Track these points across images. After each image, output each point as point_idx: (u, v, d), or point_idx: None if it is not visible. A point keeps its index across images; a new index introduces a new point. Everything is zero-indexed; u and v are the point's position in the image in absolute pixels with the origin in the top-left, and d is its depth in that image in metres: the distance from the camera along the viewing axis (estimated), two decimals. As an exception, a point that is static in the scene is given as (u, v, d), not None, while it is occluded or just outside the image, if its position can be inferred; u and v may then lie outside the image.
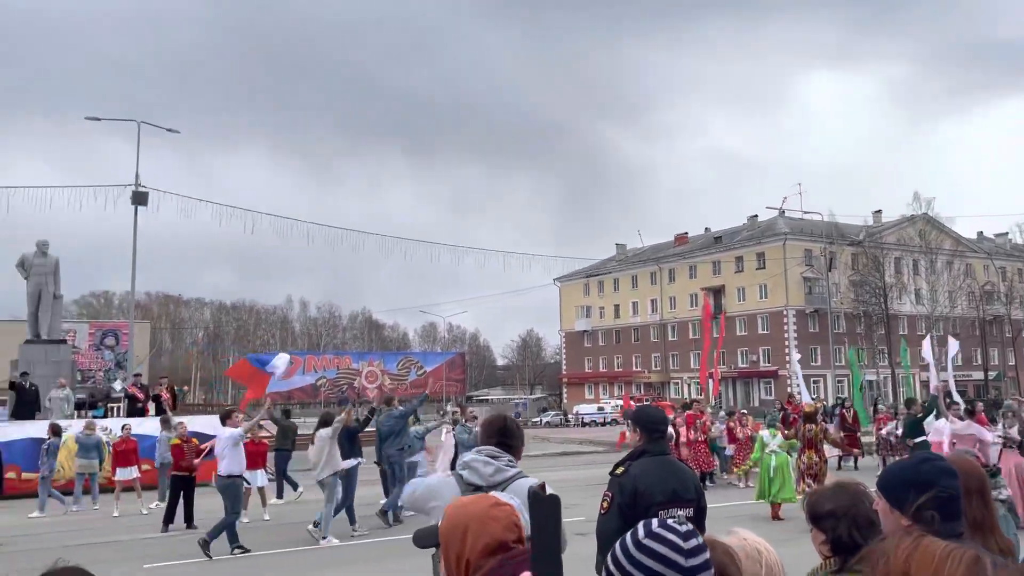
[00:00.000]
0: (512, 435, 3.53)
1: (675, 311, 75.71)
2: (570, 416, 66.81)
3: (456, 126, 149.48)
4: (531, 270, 77.41)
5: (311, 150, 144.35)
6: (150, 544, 12.44)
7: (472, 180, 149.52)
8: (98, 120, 31.02)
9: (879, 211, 70.63)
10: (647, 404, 12.72)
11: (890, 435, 19.82)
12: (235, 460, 11.54)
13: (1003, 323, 66.25)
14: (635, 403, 28.15)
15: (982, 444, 11.76)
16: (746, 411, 20.98)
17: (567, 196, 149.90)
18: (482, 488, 3.02)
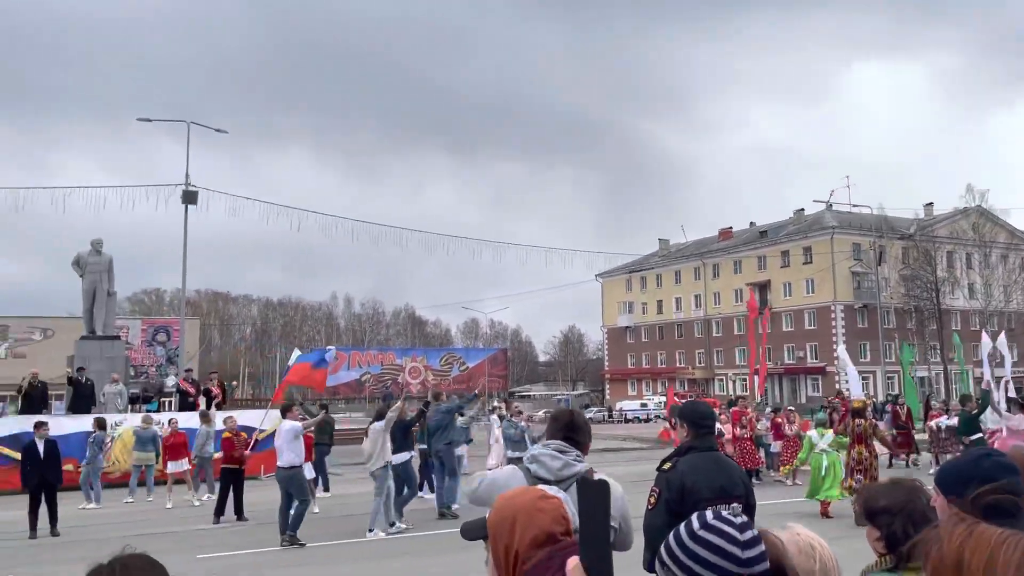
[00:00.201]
0: (579, 430, 3.53)
1: (719, 307, 74.89)
2: (614, 412, 66.55)
3: (497, 122, 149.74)
4: (573, 266, 77.23)
5: (355, 148, 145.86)
6: (202, 535, 12.74)
7: (513, 176, 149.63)
8: (149, 121, 31.79)
9: (930, 204, 69.11)
10: (694, 399, 12.62)
11: (940, 430, 19.41)
12: (296, 452, 11.91)
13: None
14: (679, 399, 27.93)
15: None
16: (793, 408, 20.64)
17: (609, 191, 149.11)
18: (550, 482, 3.03)
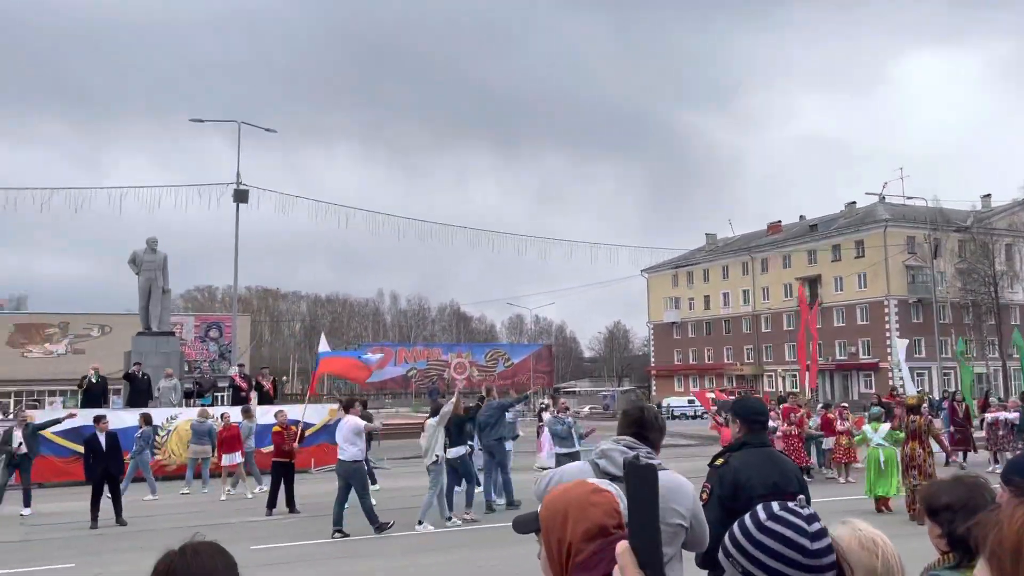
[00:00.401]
0: (650, 427, 3.42)
1: (768, 302, 73.75)
2: (661, 408, 66.10)
3: (541, 118, 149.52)
4: (618, 261, 76.75)
5: (400, 146, 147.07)
6: (256, 527, 13.02)
7: (558, 172, 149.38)
8: (202, 122, 32.53)
9: (988, 195, 67.19)
10: (745, 395, 12.50)
11: (997, 426, 18.91)
12: (358, 446, 12.19)
13: None
14: (726, 395, 27.59)
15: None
16: (846, 405, 20.21)
17: (654, 185, 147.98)
18: (618, 478, 3.00)
